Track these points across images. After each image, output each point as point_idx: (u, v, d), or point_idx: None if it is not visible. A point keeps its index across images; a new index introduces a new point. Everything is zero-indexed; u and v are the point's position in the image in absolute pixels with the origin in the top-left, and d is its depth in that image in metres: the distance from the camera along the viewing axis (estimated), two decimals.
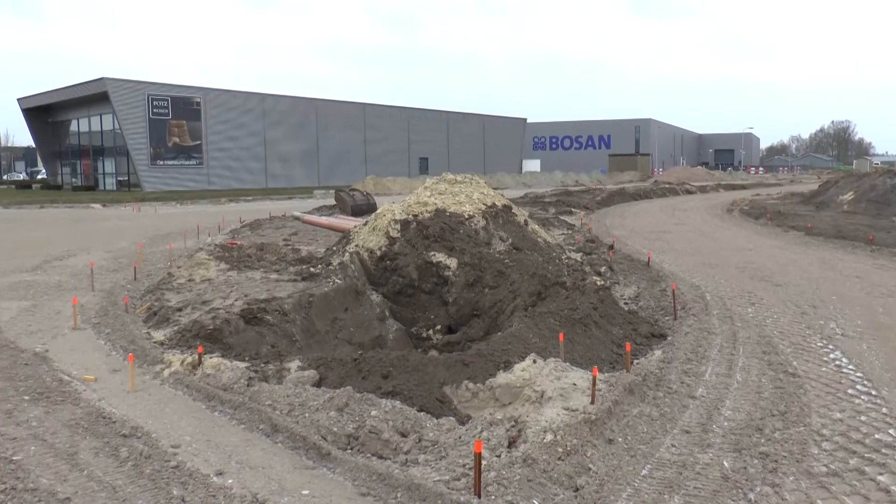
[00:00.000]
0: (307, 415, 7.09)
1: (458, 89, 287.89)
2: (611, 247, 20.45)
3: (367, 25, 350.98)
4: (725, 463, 6.41)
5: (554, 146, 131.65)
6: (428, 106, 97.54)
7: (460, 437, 6.52)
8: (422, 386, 8.09)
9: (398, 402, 7.37)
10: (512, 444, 6.34)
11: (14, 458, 6.34)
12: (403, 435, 6.69)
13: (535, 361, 8.18)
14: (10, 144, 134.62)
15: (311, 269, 13.56)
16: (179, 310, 11.49)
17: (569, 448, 6.30)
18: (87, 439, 6.78)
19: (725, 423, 7.36)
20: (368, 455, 6.42)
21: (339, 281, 12.51)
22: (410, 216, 14.12)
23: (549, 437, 6.35)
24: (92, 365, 9.38)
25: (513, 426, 6.64)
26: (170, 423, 7.23)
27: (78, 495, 5.66)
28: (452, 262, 12.97)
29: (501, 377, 8.09)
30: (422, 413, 7.22)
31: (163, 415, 7.50)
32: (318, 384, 8.15)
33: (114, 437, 6.80)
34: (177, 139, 68.49)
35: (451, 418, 7.16)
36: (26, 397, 8.01)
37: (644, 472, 6.26)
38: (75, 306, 11.93)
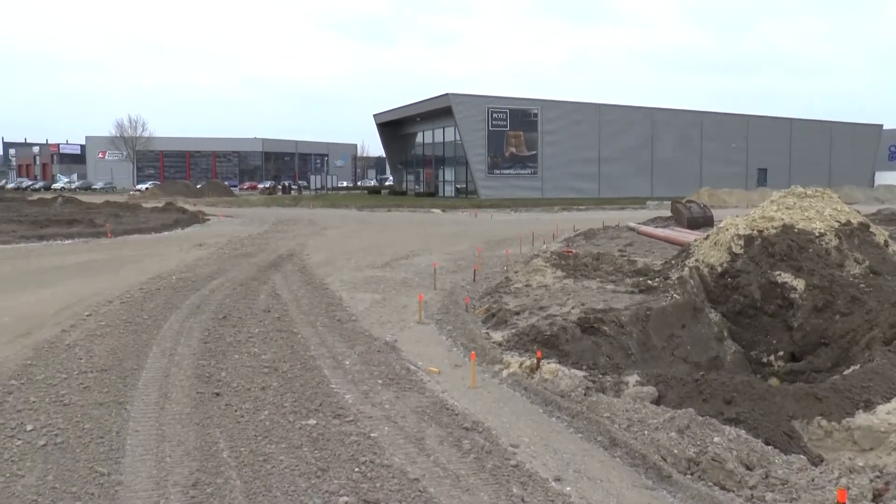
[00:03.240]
0: (646, 432, 6.88)
1: (800, 94, 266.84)
2: None
3: (695, 31, 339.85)
4: None
5: None
6: (766, 113, 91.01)
7: (814, 480, 5.93)
8: (767, 417, 7.50)
9: (742, 430, 6.90)
10: (877, 498, 5.62)
11: (371, 434, 6.90)
12: (749, 468, 6.23)
13: None
14: (364, 155, 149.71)
15: (649, 282, 13.27)
16: (517, 313, 11.80)
17: None
18: (433, 427, 7.16)
19: None
20: (710, 484, 6.06)
21: (677, 296, 12.10)
22: (755, 231, 13.28)
23: None
24: (435, 358, 9.95)
25: (878, 477, 5.91)
26: (508, 423, 7.41)
27: (425, 478, 5.98)
28: (799, 284, 11.99)
29: (861, 418, 7.26)
30: (769, 446, 6.68)
31: (501, 413, 7.71)
32: (656, 401, 7.89)
33: (456, 429, 7.11)
34: (513, 149, 71.25)
35: (802, 457, 6.55)
36: (380, 381, 8.69)
37: None
38: (420, 302, 12.74)
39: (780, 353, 11.69)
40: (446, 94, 69.60)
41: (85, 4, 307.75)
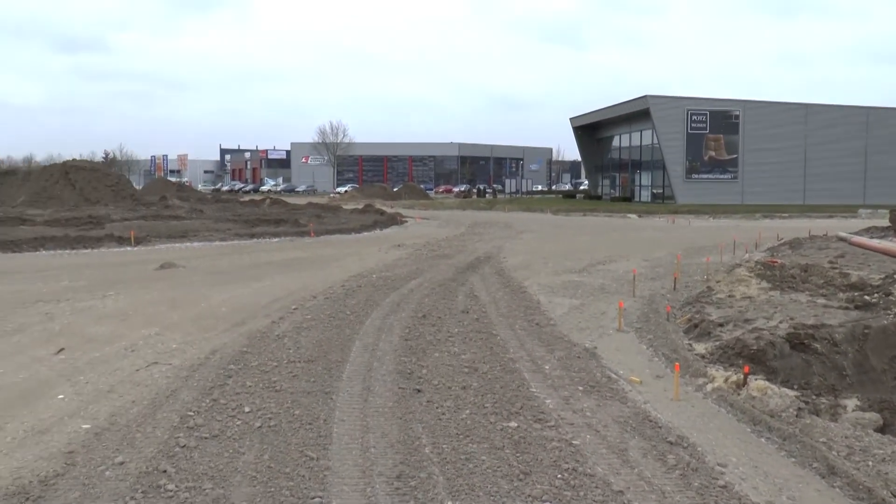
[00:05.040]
0: (870, 463, 6.35)
1: None
2: None
3: None
4: None
5: None
6: None
7: None
8: None
9: None
10: None
11: (573, 441, 6.81)
12: None
13: None
14: (560, 159, 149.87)
15: (866, 298, 12.34)
16: (721, 325, 11.32)
17: None
18: (636, 439, 6.96)
19: None
20: None
21: None
22: None
23: None
24: (636, 367, 9.71)
25: None
26: (714, 440, 7.08)
27: (630, 491, 5.80)
28: None
29: None
30: None
31: (707, 429, 7.39)
32: (880, 430, 7.30)
33: (660, 443, 6.88)
34: (713, 153, 68.75)
35: None
36: (580, 388, 8.58)
37: None
38: (620, 309, 12.50)
39: None
40: (644, 97, 68.38)
41: (291, 20, 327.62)
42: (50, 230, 28.04)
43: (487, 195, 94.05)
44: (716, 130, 68.64)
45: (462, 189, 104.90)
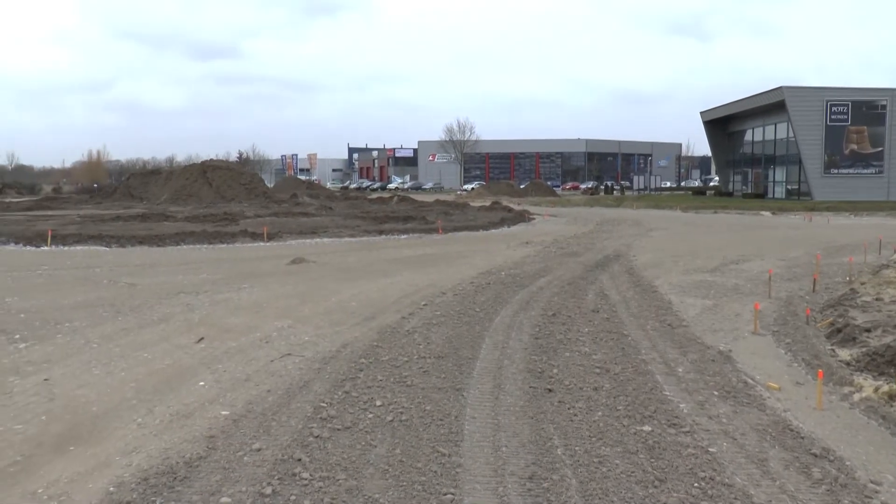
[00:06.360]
0: None
1: None
2: None
3: None
4: None
5: None
6: None
7: None
8: None
9: None
10: None
11: (710, 449, 6.55)
12: None
13: None
14: (689, 154, 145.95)
15: None
16: (867, 330, 10.68)
17: None
18: (776, 449, 6.63)
19: None
20: None
21: None
22: None
23: None
24: (773, 373, 9.28)
25: None
26: (865, 454, 6.64)
27: None
28: None
29: None
30: None
31: (856, 443, 6.95)
32: None
33: (803, 454, 6.53)
34: (854, 146, 65.21)
35: None
36: (715, 393, 8.27)
37: None
38: (756, 311, 12.02)
39: None
40: (779, 88, 65.56)
41: (414, 21, 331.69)
42: (189, 226, 29.48)
43: (615, 192, 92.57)
44: (858, 122, 65.02)
45: (589, 186, 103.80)
